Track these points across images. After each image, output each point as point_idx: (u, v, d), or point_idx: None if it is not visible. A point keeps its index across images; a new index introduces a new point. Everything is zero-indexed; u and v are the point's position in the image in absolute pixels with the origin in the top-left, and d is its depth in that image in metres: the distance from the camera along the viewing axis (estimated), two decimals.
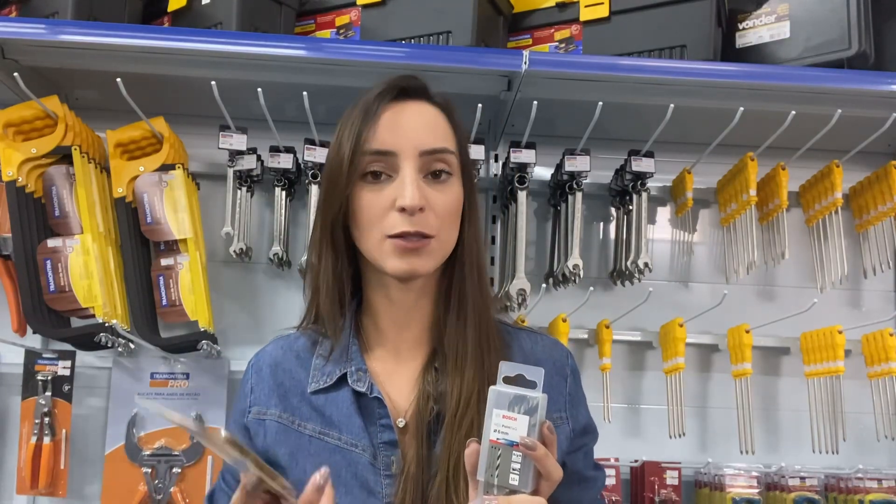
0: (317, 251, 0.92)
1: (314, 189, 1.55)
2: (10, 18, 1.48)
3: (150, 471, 1.57)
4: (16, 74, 1.39)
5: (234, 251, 1.58)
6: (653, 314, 1.65)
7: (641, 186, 1.60)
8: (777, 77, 1.44)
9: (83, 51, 1.43)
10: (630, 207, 1.62)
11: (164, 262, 1.55)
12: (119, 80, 1.39)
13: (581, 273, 1.56)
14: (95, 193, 1.52)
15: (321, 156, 1.54)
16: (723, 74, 1.44)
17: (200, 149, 1.67)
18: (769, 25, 1.54)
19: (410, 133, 0.86)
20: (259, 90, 1.42)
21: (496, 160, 1.74)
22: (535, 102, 1.45)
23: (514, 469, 0.74)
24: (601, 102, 1.43)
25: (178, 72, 1.48)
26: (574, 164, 1.56)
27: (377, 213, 0.86)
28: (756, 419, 1.61)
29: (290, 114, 1.56)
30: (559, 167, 1.60)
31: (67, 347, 1.56)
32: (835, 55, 1.47)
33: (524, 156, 1.55)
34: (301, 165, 1.61)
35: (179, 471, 1.57)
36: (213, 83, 1.41)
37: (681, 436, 1.59)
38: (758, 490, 1.58)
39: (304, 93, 1.42)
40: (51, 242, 1.49)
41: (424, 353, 0.93)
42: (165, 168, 1.55)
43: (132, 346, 1.54)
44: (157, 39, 1.40)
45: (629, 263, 1.60)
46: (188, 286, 1.53)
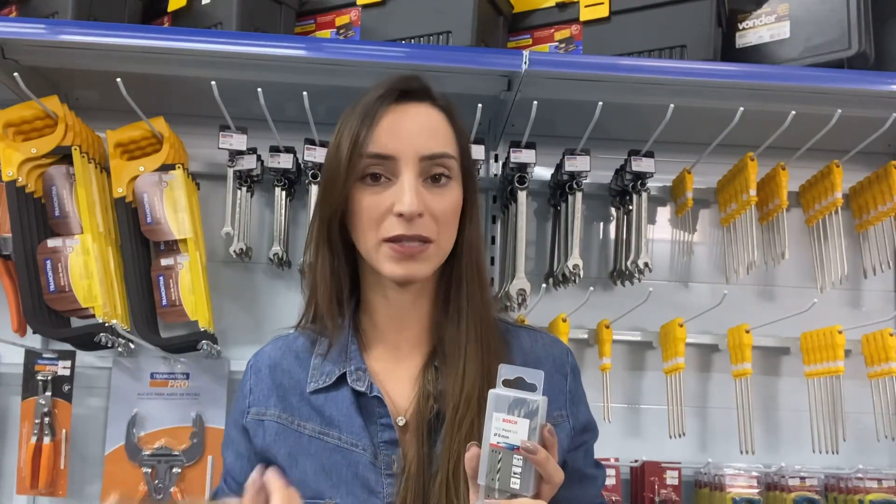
0: (314, 250, 0.92)
1: (314, 189, 1.55)
2: (10, 18, 1.48)
3: (150, 471, 1.57)
4: (16, 74, 1.39)
5: (234, 251, 1.58)
6: (653, 314, 1.65)
7: (641, 186, 1.60)
8: (777, 77, 1.44)
9: (83, 51, 1.43)
10: (630, 207, 1.62)
11: (164, 262, 1.55)
12: (119, 80, 1.39)
13: (581, 273, 1.56)
14: (95, 193, 1.52)
15: (321, 156, 1.53)
16: (723, 74, 1.44)
17: (200, 149, 1.67)
18: (769, 25, 1.54)
19: (411, 138, 0.86)
20: (259, 90, 1.42)
21: (496, 160, 1.74)
22: (535, 102, 1.44)
23: (515, 473, 0.74)
24: (601, 102, 1.43)
25: (178, 72, 1.48)
26: (574, 164, 1.56)
27: (375, 217, 0.85)
28: (756, 419, 1.61)
29: (290, 114, 1.56)
30: (559, 167, 1.60)
31: (67, 347, 1.56)
32: (835, 55, 1.47)
33: (524, 156, 1.55)
34: (301, 165, 1.60)
35: (179, 471, 1.57)
36: (213, 83, 1.41)
37: (681, 436, 1.59)
38: (758, 490, 1.58)
39: (304, 93, 1.42)
40: (51, 242, 1.49)
41: (424, 352, 0.92)
42: (165, 168, 1.55)
43: (132, 346, 1.54)
44: (157, 39, 1.39)
45: (629, 263, 1.60)
46: (188, 286, 1.53)
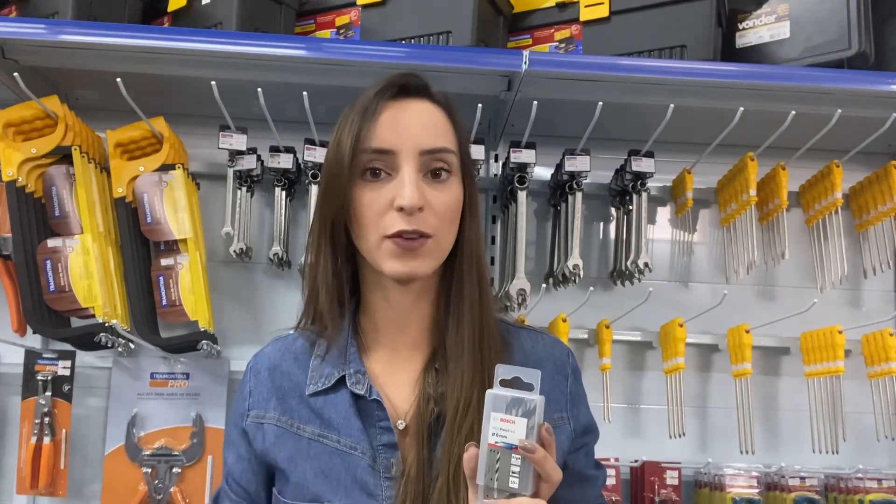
0: (315, 250, 0.91)
1: (314, 189, 1.55)
2: (10, 18, 1.48)
3: (150, 471, 1.57)
4: (16, 74, 1.39)
5: (234, 251, 1.58)
6: (653, 314, 1.65)
7: (641, 186, 1.60)
8: (777, 77, 1.44)
9: (83, 51, 1.43)
10: (630, 207, 1.62)
11: (164, 262, 1.55)
12: (119, 80, 1.39)
13: (581, 273, 1.56)
14: (95, 193, 1.52)
15: (321, 156, 1.53)
16: (723, 74, 1.44)
17: (200, 149, 1.67)
18: (769, 25, 1.54)
19: (410, 132, 0.85)
20: (259, 90, 1.42)
21: (496, 160, 1.74)
22: (535, 102, 1.44)
23: (514, 472, 0.74)
24: (601, 102, 1.43)
25: (178, 72, 1.48)
26: (574, 164, 1.56)
27: (376, 213, 0.85)
28: (756, 419, 1.61)
29: (290, 114, 1.56)
30: (559, 167, 1.60)
31: (67, 347, 1.56)
32: (835, 55, 1.46)
33: (524, 156, 1.55)
34: (301, 165, 1.60)
35: (179, 471, 1.57)
36: (213, 83, 1.41)
37: (681, 436, 1.59)
38: (758, 490, 1.58)
39: (304, 93, 1.42)
40: (51, 242, 1.49)
41: (424, 354, 0.92)
42: (165, 168, 1.55)
43: (132, 346, 1.54)
44: (157, 39, 1.39)
45: (629, 263, 1.60)
46: (188, 286, 1.53)
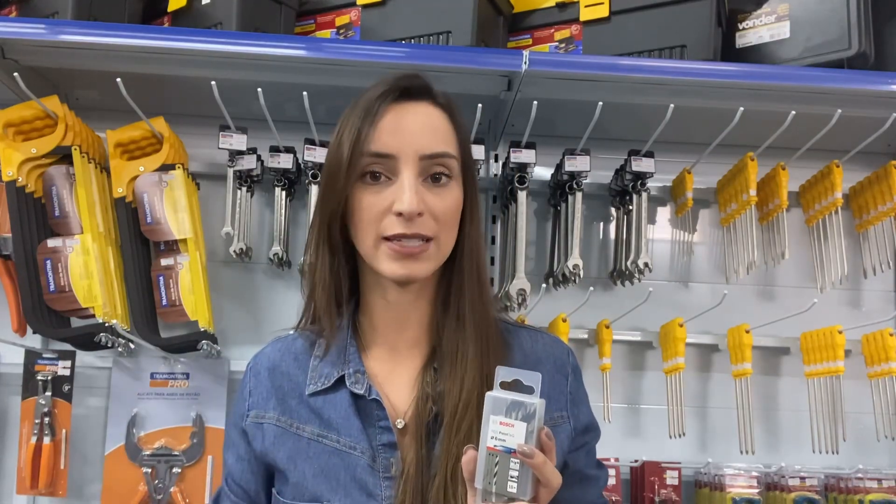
0: (314, 250, 0.91)
1: (314, 189, 1.55)
2: (10, 18, 1.48)
3: (150, 471, 1.57)
4: (16, 74, 1.39)
5: (234, 251, 1.58)
6: (653, 314, 1.65)
7: (641, 186, 1.60)
8: (777, 77, 1.44)
9: (83, 51, 1.43)
10: (630, 207, 1.62)
11: (164, 262, 1.55)
12: (119, 80, 1.39)
13: (581, 273, 1.56)
14: (95, 193, 1.52)
15: (321, 156, 1.53)
16: (723, 74, 1.44)
17: (200, 149, 1.67)
18: (769, 25, 1.54)
19: (411, 136, 0.85)
20: (259, 90, 1.42)
21: (496, 160, 1.74)
22: (535, 102, 1.44)
23: (513, 477, 0.73)
24: (601, 102, 1.43)
25: (178, 72, 1.48)
26: (574, 164, 1.56)
27: (375, 216, 0.85)
28: (756, 419, 1.61)
29: (290, 114, 1.56)
30: (559, 167, 1.60)
31: (67, 347, 1.56)
32: (835, 55, 1.47)
33: (524, 156, 1.55)
34: (301, 165, 1.60)
35: (179, 471, 1.57)
36: (213, 83, 1.41)
37: (681, 436, 1.59)
38: (758, 490, 1.58)
39: (304, 93, 1.42)
40: (51, 242, 1.49)
41: (423, 353, 0.92)
42: (165, 168, 1.55)
43: (132, 346, 1.54)
44: (157, 39, 1.39)
45: (629, 263, 1.60)
46: (188, 286, 1.53)
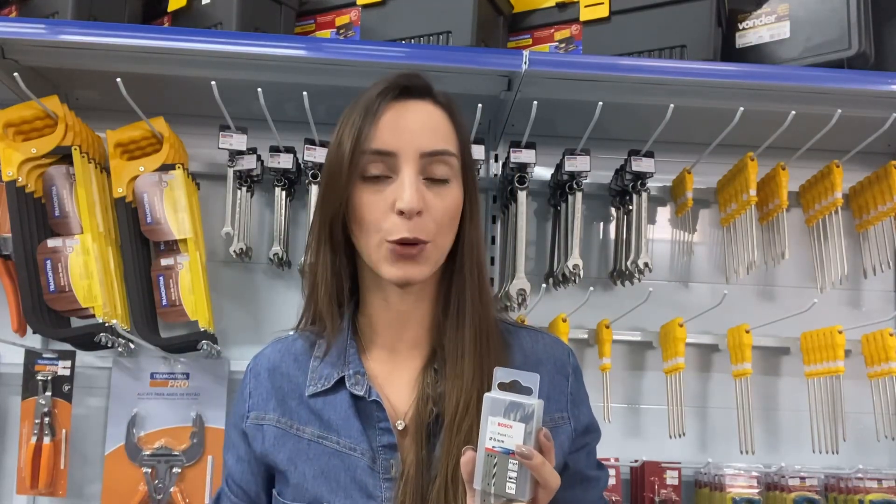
0: (315, 249, 0.91)
1: (314, 189, 1.55)
2: (10, 18, 1.48)
3: (150, 471, 1.57)
4: (16, 74, 1.39)
5: (234, 251, 1.58)
6: (653, 314, 1.65)
7: (641, 186, 1.60)
8: (777, 77, 1.44)
9: (83, 51, 1.43)
10: (630, 207, 1.62)
11: (164, 262, 1.55)
12: (119, 80, 1.39)
13: (581, 273, 1.56)
14: (95, 193, 1.52)
15: (321, 156, 1.53)
16: (723, 74, 1.44)
17: (200, 149, 1.67)
18: (769, 25, 1.54)
19: (412, 134, 0.85)
20: (259, 90, 1.42)
21: (496, 160, 1.74)
22: (535, 102, 1.44)
23: (511, 478, 0.73)
24: (601, 102, 1.43)
25: (178, 72, 1.48)
26: (574, 164, 1.56)
27: (377, 215, 0.85)
28: (756, 419, 1.61)
29: (290, 114, 1.56)
30: (559, 167, 1.60)
31: (67, 347, 1.56)
32: (835, 55, 1.46)
33: (524, 156, 1.55)
34: (301, 165, 1.60)
35: (179, 471, 1.57)
36: (213, 83, 1.41)
37: (681, 436, 1.59)
38: (758, 490, 1.58)
39: (304, 93, 1.42)
40: (51, 242, 1.49)
41: (423, 354, 0.92)
42: (165, 168, 1.55)
43: (132, 346, 1.54)
44: (157, 39, 1.39)
45: (629, 263, 1.60)
46: (188, 286, 1.53)
